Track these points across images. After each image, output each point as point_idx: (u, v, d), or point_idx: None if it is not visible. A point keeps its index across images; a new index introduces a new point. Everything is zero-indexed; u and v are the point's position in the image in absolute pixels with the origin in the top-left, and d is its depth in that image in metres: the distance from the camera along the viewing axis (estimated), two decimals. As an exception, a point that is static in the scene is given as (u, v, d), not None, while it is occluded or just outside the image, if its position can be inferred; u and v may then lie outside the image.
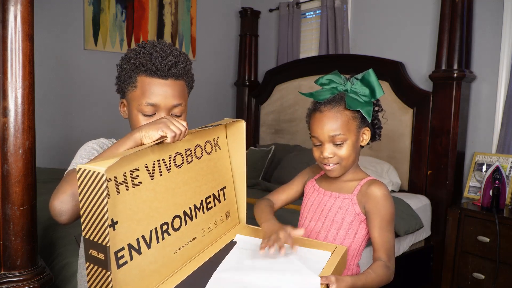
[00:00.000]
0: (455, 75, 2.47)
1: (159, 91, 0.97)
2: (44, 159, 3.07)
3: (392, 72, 2.86)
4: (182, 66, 1.00)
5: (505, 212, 2.24)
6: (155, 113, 0.98)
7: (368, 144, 1.23)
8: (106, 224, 0.66)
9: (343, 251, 1.05)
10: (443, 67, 2.54)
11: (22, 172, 1.09)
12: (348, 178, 1.20)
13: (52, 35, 3.19)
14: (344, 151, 1.13)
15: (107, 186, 0.67)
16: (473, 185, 2.54)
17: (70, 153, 3.33)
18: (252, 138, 3.99)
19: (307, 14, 3.68)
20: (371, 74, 1.17)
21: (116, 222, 0.74)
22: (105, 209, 0.65)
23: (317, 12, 3.55)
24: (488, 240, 2.20)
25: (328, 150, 1.13)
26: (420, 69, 2.83)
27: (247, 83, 3.97)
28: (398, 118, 2.82)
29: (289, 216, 1.92)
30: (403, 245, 2.40)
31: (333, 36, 3.32)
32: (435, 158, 2.60)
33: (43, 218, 1.87)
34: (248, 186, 2.84)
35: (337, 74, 1.20)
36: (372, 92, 1.16)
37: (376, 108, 1.21)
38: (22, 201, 1.10)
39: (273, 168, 3.23)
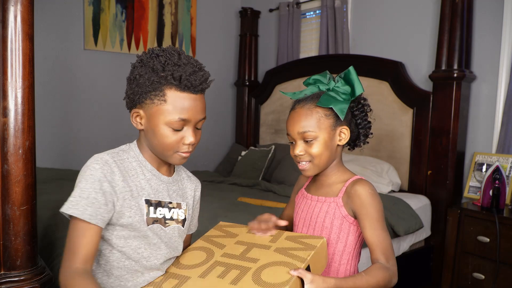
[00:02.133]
0: (455, 75, 2.47)
1: (191, 106, 0.98)
2: (44, 159, 3.07)
3: (392, 72, 2.86)
4: (210, 81, 1.03)
5: (505, 212, 2.24)
6: (183, 127, 0.99)
7: (356, 145, 1.21)
8: None
9: (319, 243, 1.08)
10: (443, 67, 2.54)
11: (22, 172, 1.09)
12: (333, 180, 1.18)
13: (52, 35, 3.19)
14: (314, 148, 1.11)
15: None
16: (473, 185, 2.54)
17: (70, 153, 3.34)
18: (252, 138, 4.00)
19: (307, 14, 3.68)
20: (351, 71, 1.15)
21: None
22: None
23: (317, 12, 3.55)
24: (488, 240, 2.20)
25: (299, 147, 1.12)
26: (420, 69, 2.83)
27: (247, 83, 3.97)
28: (398, 118, 2.82)
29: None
30: (403, 245, 2.40)
31: (333, 36, 3.32)
32: (435, 158, 2.60)
33: (43, 218, 1.87)
34: (248, 186, 2.85)
35: (324, 74, 1.19)
36: (353, 89, 1.14)
37: (360, 107, 1.18)
38: (22, 201, 1.10)
39: (273, 168, 3.23)
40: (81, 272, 0.89)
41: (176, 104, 0.96)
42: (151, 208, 1.01)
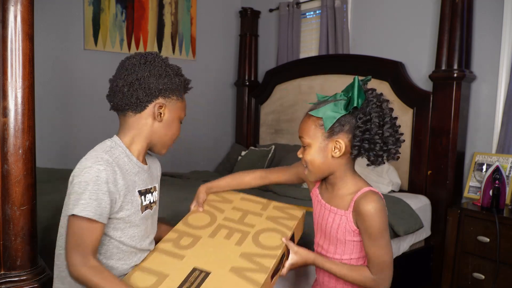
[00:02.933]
0: (455, 75, 2.47)
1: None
2: (44, 159, 3.07)
3: (392, 72, 2.86)
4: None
5: (505, 212, 2.24)
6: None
7: (372, 162, 1.15)
8: None
9: (301, 214, 1.31)
10: (443, 67, 2.54)
11: (22, 172, 1.09)
12: (343, 192, 1.18)
13: (52, 35, 3.19)
14: (307, 155, 1.15)
15: None
16: (473, 185, 2.54)
17: (70, 153, 3.34)
18: (252, 138, 3.99)
19: (307, 14, 3.68)
20: (355, 81, 1.12)
21: None
22: None
23: (317, 12, 3.55)
24: (488, 240, 2.20)
25: (299, 150, 1.19)
26: (420, 69, 2.83)
27: (247, 83, 3.97)
28: (398, 118, 2.81)
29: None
30: (403, 245, 2.40)
31: (333, 36, 3.32)
32: (435, 158, 2.60)
33: (43, 218, 1.87)
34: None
35: (359, 79, 1.14)
36: (349, 101, 1.12)
37: (367, 119, 1.10)
38: (22, 201, 1.10)
39: (273, 168, 3.23)
40: (98, 265, 1.00)
41: (184, 104, 1.18)
42: (142, 197, 1.14)
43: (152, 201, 1.18)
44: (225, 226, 1.25)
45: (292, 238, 1.24)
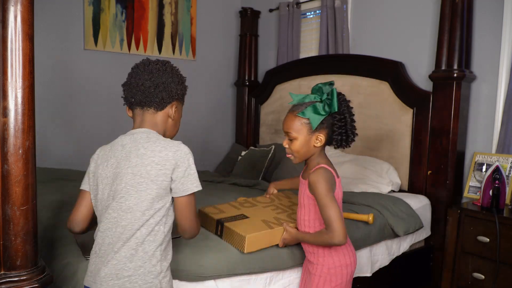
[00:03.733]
0: (455, 75, 2.47)
1: None
2: (44, 159, 3.08)
3: (392, 72, 2.86)
4: None
5: (505, 212, 2.24)
6: None
7: (339, 147, 1.49)
8: None
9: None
10: (443, 67, 2.54)
11: (22, 172, 1.09)
12: (310, 168, 1.52)
13: (52, 35, 3.19)
14: (293, 146, 1.48)
15: None
16: (473, 185, 2.54)
17: (70, 153, 3.34)
18: (252, 138, 4.00)
19: (307, 14, 3.68)
20: (333, 91, 1.43)
21: None
22: None
23: (317, 12, 3.55)
24: (488, 240, 2.20)
25: (284, 142, 1.51)
26: (420, 69, 2.83)
27: (247, 83, 3.97)
28: (398, 118, 2.82)
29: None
30: (403, 245, 2.40)
31: (333, 36, 3.32)
32: (435, 158, 2.60)
33: (43, 218, 1.87)
34: (248, 186, 2.85)
35: (328, 84, 1.47)
36: (330, 106, 1.44)
37: (341, 118, 1.46)
38: (22, 201, 1.10)
39: (273, 168, 3.23)
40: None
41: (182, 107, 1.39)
42: None
43: None
44: (275, 206, 1.92)
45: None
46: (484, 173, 2.46)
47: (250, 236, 1.59)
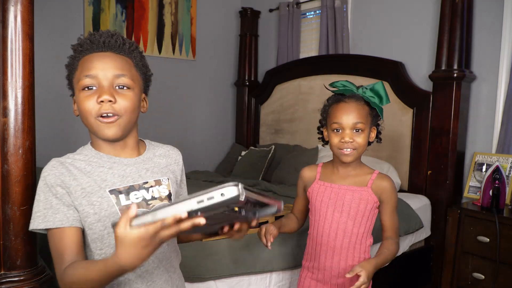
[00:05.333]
0: (455, 75, 2.47)
1: (97, 62, 0.93)
2: (44, 159, 3.07)
3: (392, 72, 2.86)
4: (121, 40, 0.97)
5: (505, 212, 2.24)
6: (95, 87, 0.93)
7: (369, 144, 1.40)
8: None
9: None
10: (443, 67, 2.54)
11: (22, 172, 1.09)
12: (357, 173, 1.39)
13: (52, 35, 3.19)
14: (361, 138, 1.33)
15: None
16: (473, 185, 2.54)
17: (70, 153, 3.33)
18: (252, 138, 3.99)
19: (307, 14, 3.68)
20: (380, 85, 1.36)
21: None
22: None
23: (317, 12, 3.55)
24: (488, 240, 2.20)
25: (349, 135, 1.32)
26: (420, 69, 2.83)
27: (247, 83, 3.97)
28: (398, 118, 2.82)
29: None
30: (403, 245, 2.40)
31: (333, 36, 3.31)
32: (435, 158, 2.60)
33: (43, 218, 1.87)
34: (248, 186, 2.85)
35: (349, 81, 1.38)
36: (380, 99, 1.35)
37: (377, 118, 1.41)
38: (22, 201, 1.10)
39: (273, 168, 3.23)
40: (69, 265, 0.87)
41: (83, 66, 0.95)
42: (122, 196, 0.96)
43: (148, 198, 0.99)
44: None
45: None
46: (484, 173, 2.46)
47: None
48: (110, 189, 0.95)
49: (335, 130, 1.34)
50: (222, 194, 0.73)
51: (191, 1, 3.87)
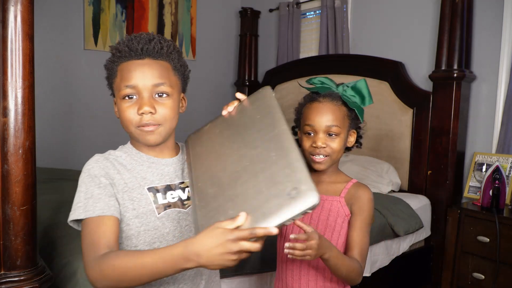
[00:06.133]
0: (455, 75, 2.47)
1: (135, 72, 0.94)
2: (44, 159, 3.07)
3: (392, 72, 2.86)
4: (159, 44, 0.97)
5: (505, 212, 2.24)
6: (135, 96, 0.95)
7: (347, 150, 1.25)
8: None
9: None
10: (443, 67, 2.54)
11: (22, 172, 1.09)
12: (332, 180, 1.22)
13: (52, 35, 3.19)
14: (336, 143, 1.16)
15: None
16: (473, 185, 2.54)
17: (70, 153, 3.34)
18: (252, 138, 3.99)
19: (307, 14, 3.68)
20: (363, 83, 1.20)
21: None
22: None
23: (317, 12, 3.55)
24: (488, 240, 2.20)
25: (322, 139, 1.15)
26: (420, 69, 2.83)
27: (247, 83, 3.97)
28: (398, 118, 2.82)
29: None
30: (403, 245, 2.40)
31: (333, 36, 3.32)
32: (435, 158, 2.60)
33: (43, 218, 1.87)
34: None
35: (328, 78, 1.23)
36: (362, 99, 1.20)
37: (358, 121, 1.24)
38: (22, 201, 1.10)
39: (273, 168, 3.23)
40: (108, 251, 0.84)
41: (122, 74, 0.96)
42: (159, 195, 0.98)
43: (184, 198, 1.00)
44: None
45: None
46: (484, 173, 2.46)
47: None
48: (149, 187, 0.97)
49: (307, 133, 1.18)
50: (304, 205, 0.72)
51: (191, 1, 3.87)
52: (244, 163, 0.84)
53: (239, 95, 1.01)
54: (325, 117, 1.15)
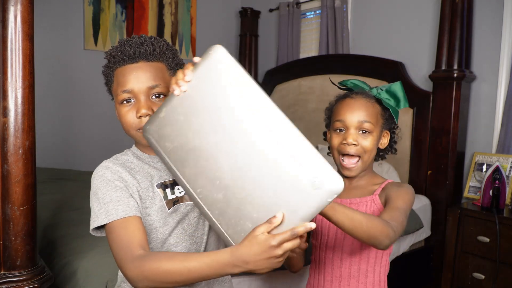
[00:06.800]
0: (455, 75, 2.47)
1: (130, 76, 0.94)
2: (44, 159, 3.07)
3: (392, 72, 2.86)
4: (151, 46, 0.96)
5: (505, 212, 2.24)
6: (133, 100, 0.95)
7: (380, 157, 1.18)
8: None
9: None
10: (443, 67, 2.54)
11: (22, 172, 1.09)
12: (364, 183, 1.13)
13: (52, 35, 3.19)
14: (368, 142, 1.07)
15: None
16: (473, 185, 2.54)
17: (70, 153, 3.34)
18: (252, 138, 3.99)
19: (307, 14, 3.68)
20: (399, 86, 1.15)
21: None
22: None
23: (317, 12, 3.55)
24: (488, 240, 2.20)
25: (353, 135, 1.07)
26: (420, 69, 2.83)
27: (247, 83, 3.97)
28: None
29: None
30: (403, 245, 2.40)
31: (333, 36, 3.32)
32: (435, 158, 2.60)
33: (43, 218, 1.87)
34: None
35: (361, 81, 1.19)
36: (398, 102, 1.14)
37: (394, 125, 1.18)
38: (22, 201, 1.10)
39: (273, 168, 3.23)
40: (147, 253, 0.85)
41: (118, 79, 0.96)
42: (168, 190, 0.99)
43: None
44: None
45: None
46: (484, 173, 2.46)
47: None
48: (157, 183, 0.98)
49: (337, 130, 1.11)
50: (331, 193, 0.70)
51: (191, 1, 3.87)
52: (241, 157, 0.76)
53: (196, 59, 0.86)
54: (357, 112, 1.08)
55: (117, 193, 0.92)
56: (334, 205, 0.85)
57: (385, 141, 1.14)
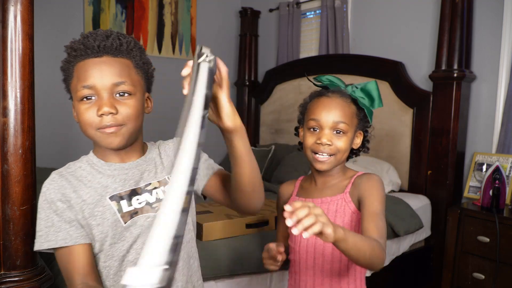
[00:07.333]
0: (455, 75, 2.47)
1: (93, 71, 0.86)
2: (44, 159, 3.07)
3: (392, 72, 2.86)
4: (118, 41, 0.88)
5: (505, 212, 2.24)
6: (94, 97, 0.87)
7: (354, 154, 1.18)
8: None
9: None
10: (443, 67, 2.54)
11: (22, 172, 1.09)
12: (337, 180, 1.13)
13: (52, 35, 3.19)
14: (342, 142, 1.08)
15: None
16: (473, 185, 2.54)
17: (70, 153, 3.33)
18: (252, 138, 3.99)
19: (307, 14, 3.68)
20: (374, 85, 1.13)
21: None
22: None
23: (317, 12, 3.54)
24: (488, 240, 2.20)
25: (328, 136, 1.07)
26: (420, 69, 2.83)
27: (247, 83, 3.97)
28: (398, 118, 2.82)
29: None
30: (403, 245, 2.40)
31: (333, 36, 3.31)
32: (435, 158, 2.60)
33: (43, 218, 1.87)
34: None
35: (337, 77, 1.17)
36: (372, 102, 1.13)
37: (367, 125, 1.17)
38: (22, 201, 1.10)
39: (273, 168, 3.23)
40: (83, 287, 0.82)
41: (79, 74, 0.89)
42: (123, 202, 0.91)
43: (152, 200, 0.93)
44: None
45: None
46: (484, 173, 2.46)
47: (207, 225, 1.67)
48: (111, 196, 0.91)
49: (311, 129, 1.10)
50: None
51: (191, 1, 3.87)
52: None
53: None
54: (333, 112, 1.07)
55: (58, 218, 0.87)
56: (346, 236, 0.82)
57: (358, 141, 1.15)
